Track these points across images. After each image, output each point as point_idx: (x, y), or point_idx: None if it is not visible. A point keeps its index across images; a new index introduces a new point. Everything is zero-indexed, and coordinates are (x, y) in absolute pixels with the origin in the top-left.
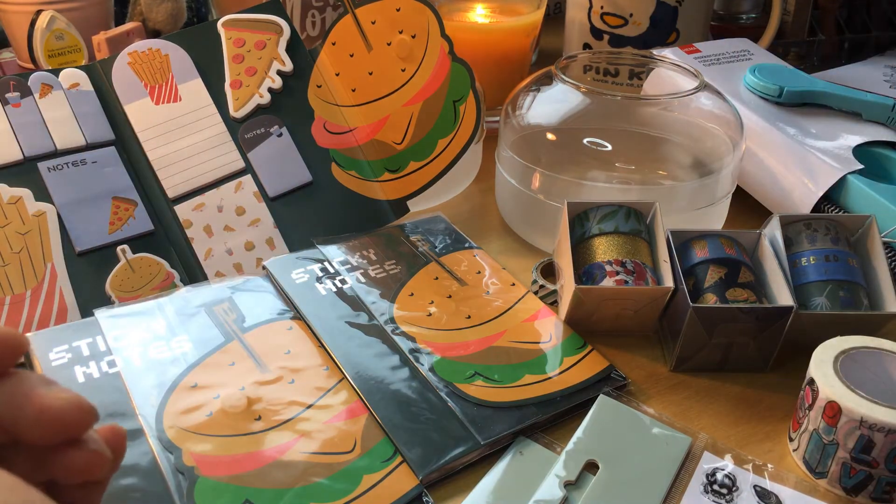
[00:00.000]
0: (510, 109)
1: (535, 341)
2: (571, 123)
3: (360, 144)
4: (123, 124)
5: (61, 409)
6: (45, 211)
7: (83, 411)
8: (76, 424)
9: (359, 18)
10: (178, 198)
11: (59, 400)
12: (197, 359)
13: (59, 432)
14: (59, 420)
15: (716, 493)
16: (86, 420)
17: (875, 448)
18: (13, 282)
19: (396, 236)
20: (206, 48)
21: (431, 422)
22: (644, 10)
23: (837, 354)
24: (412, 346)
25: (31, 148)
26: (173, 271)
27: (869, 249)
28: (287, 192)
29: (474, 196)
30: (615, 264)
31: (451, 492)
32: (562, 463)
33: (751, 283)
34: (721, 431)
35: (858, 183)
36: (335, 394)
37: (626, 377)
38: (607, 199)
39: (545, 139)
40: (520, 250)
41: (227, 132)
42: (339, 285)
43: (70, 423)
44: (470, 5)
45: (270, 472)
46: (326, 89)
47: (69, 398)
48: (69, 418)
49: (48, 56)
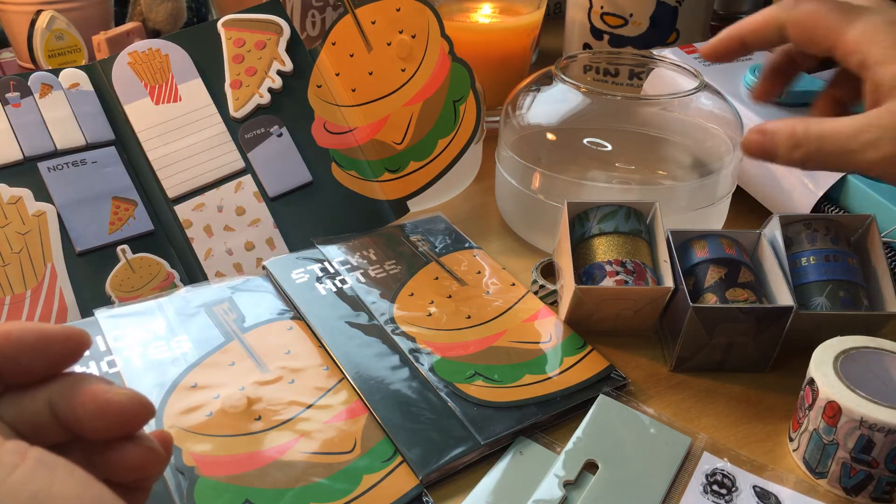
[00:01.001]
0: (510, 109)
1: (535, 341)
2: (571, 123)
3: (360, 144)
4: (123, 124)
5: (122, 404)
6: (45, 211)
7: (143, 406)
8: (136, 418)
9: (359, 18)
10: (178, 198)
11: (121, 395)
12: (197, 359)
13: (120, 426)
14: (120, 414)
15: (715, 493)
16: (144, 415)
17: (875, 448)
18: (13, 282)
19: (396, 236)
20: (206, 48)
21: (431, 422)
22: (644, 10)
23: (837, 354)
24: (412, 346)
25: (31, 148)
26: (173, 271)
27: (869, 249)
28: (287, 192)
29: (474, 196)
30: (615, 264)
31: (451, 492)
32: (561, 463)
33: (751, 283)
34: (721, 431)
35: (858, 183)
36: (335, 394)
37: (626, 377)
38: (607, 199)
39: (545, 139)
40: (520, 250)
41: (227, 132)
42: (339, 285)
43: (130, 417)
44: (470, 5)
45: (270, 472)
46: (326, 89)
47: (130, 393)
48: (129, 412)
49: (48, 56)
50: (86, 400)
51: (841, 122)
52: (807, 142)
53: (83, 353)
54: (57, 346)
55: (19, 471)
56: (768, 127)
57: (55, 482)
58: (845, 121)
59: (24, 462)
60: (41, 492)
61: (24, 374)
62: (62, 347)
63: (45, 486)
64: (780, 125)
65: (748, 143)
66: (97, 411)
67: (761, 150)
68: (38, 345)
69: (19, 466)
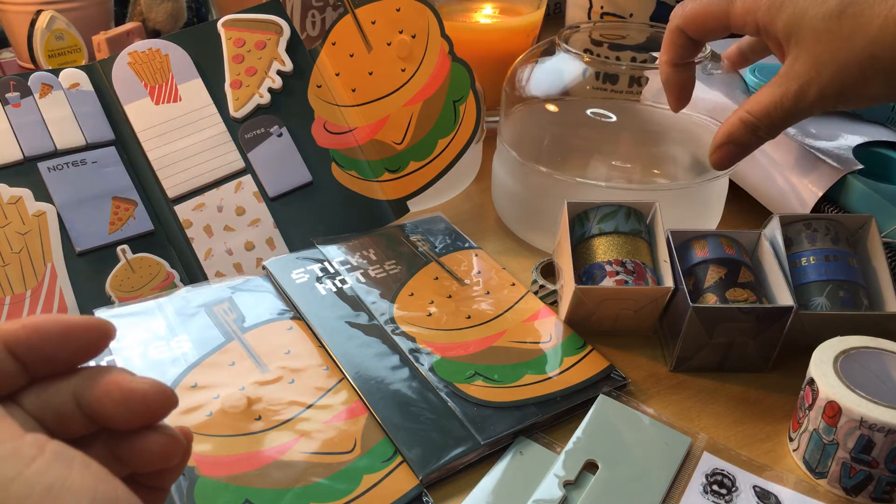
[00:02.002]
0: (514, 82)
1: (535, 341)
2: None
3: (360, 144)
4: (123, 124)
5: (146, 392)
6: (45, 211)
7: (166, 395)
8: (159, 407)
9: (359, 18)
10: (178, 198)
11: (145, 383)
12: (197, 359)
13: (144, 414)
14: (144, 401)
15: (715, 493)
16: (168, 403)
17: (875, 448)
18: (13, 282)
19: (396, 236)
20: (206, 48)
21: (431, 422)
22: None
23: (837, 354)
24: (412, 346)
25: (31, 148)
26: (173, 271)
27: (869, 249)
28: (287, 192)
29: (474, 196)
30: (615, 264)
31: (451, 492)
32: (561, 463)
33: (751, 283)
34: (721, 431)
35: (858, 183)
36: (335, 394)
37: (626, 377)
38: (607, 199)
39: (545, 139)
40: (519, 250)
41: (227, 132)
42: (339, 285)
43: (154, 405)
44: (470, 5)
45: (270, 472)
46: (326, 89)
47: (153, 382)
48: (153, 400)
49: (48, 56)
50: (111, 388)
51: (769, 91)
52: (759, 122)
53: (108, 343)
54: (82, 336)
55: (36, 463)
56: (722, 139)
57: (71, 476)
58: (771, 87)
59: (42, 455)
60: (56, 485)
61: (50, 365)
62: (87, 338)
63: (60, 480)
64: (731, 130)
65: (719, 161)
66: (122, 400)
67: (732, 159)
68: (64, 335)
69: (37, 459)
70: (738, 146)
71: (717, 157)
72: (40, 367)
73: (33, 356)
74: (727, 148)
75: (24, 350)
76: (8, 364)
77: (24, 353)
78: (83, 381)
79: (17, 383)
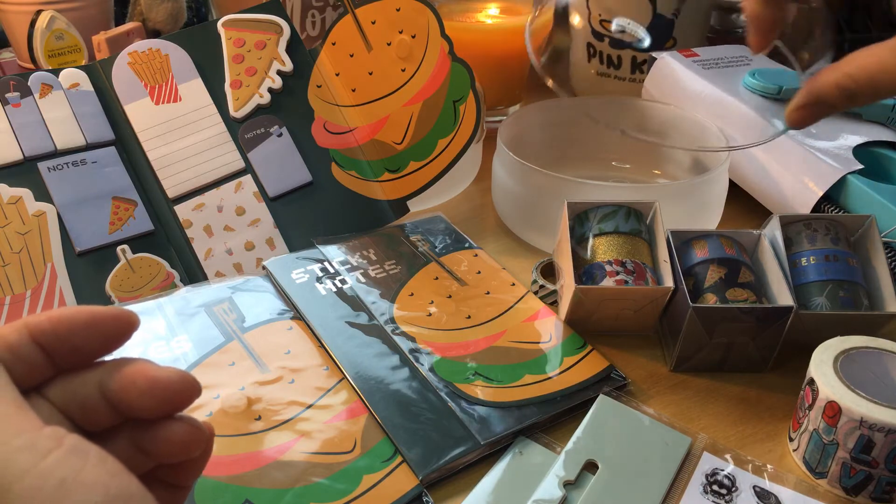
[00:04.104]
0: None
1: (535, 341)
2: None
3: (360, 144)
4: (123, 124)
5: (171, 380)
6: (45, 211)
7: (190, 384)
8: (184, 395)
9: (359, 18)
10: (178, 198)
11: (169, 372)
12: (197, 359)
13: (168, 403)
14: (168, 390)
15: (715, 493)
16: (192, 392)
17: (875, 448)
18: (13, 282)
19: (396, 236)
20: (206, 48)
21: (431, 422)
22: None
23: (837, 354)
24: (412, 346)
25: (31, 148)
26: (173, 271)
27: (869, 249)
28: (287, 192)
29: (474, 196)
30: (615, 264)
31: (451, 492)
32: (561, 463)
33: (751, 283)
34: (721, 431)
35: (858, 183)
36: (335, 394)
37: (626, 377)
38: (607, 199)
39: (545, 139)
40: (519, 250)
41: (227, 132)
42: (339, 285)
43: (178, 394)
44: (470, 5)
45: (270, 473)
46: (326, 89)
47: (177, 371)
48: (178, 389)
49: (48, 56)
50: (136, 377)
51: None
52: (859, 88)
53: (132, 333)
54: (108, 325)
55: (52, 456)
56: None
57: (84, 470)
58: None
59: (59, 448)
60: (69, 478)
61: (76, 356)
62: (113, 327)
63: (73, 474)
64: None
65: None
66: (147, 388)
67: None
68: (90, 325)
69: (52, 452)
70: (828, 108)
71: (798, 116)
72: (66, 357)
73: (60, 347)
74: (814, 109)
75: (50, 340)
76: (35, 355)
77: (50, 344)
78: (108, 371)
79: (44, 375)
